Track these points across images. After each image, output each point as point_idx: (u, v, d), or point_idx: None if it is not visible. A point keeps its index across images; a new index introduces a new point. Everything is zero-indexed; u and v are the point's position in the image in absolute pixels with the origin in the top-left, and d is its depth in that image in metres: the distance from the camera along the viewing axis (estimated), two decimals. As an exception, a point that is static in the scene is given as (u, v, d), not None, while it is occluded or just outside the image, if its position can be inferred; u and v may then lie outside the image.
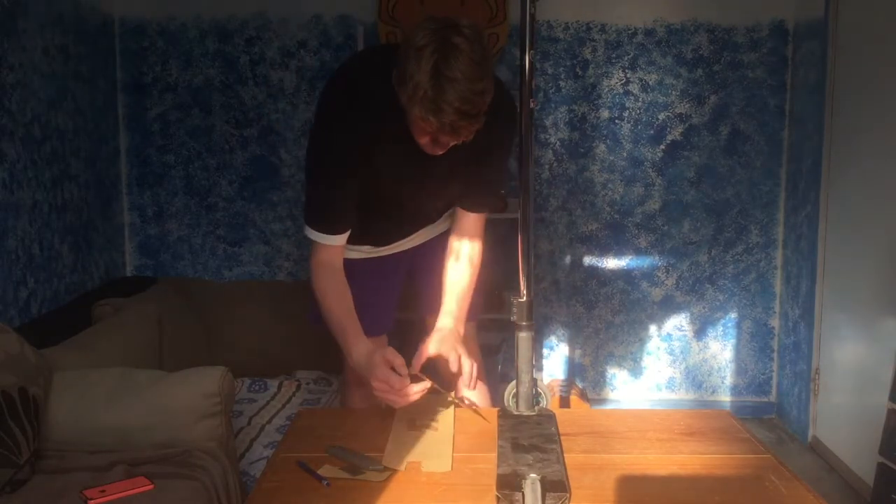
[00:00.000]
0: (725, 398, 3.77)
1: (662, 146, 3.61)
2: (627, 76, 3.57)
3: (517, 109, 1.86)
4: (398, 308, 2.17)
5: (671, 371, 3.76)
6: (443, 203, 2.00)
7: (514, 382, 1.70)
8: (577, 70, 3.56)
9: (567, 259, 3.69)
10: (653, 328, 3.74)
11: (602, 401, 3.75)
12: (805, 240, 3.39)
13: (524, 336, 1.66)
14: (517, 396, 1.69)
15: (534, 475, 1.34)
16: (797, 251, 3.48)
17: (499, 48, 3.41)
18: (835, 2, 3.14)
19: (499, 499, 1.32)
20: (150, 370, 2.26)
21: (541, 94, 3.55)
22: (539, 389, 1.73)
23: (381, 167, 1.77)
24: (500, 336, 3.44)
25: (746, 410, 3.70)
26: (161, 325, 2.71)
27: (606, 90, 3.58)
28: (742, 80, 3.57)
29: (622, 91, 3.58)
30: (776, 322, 3.71)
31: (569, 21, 3.53)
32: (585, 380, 3.76)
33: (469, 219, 1.95)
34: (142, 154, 3.56)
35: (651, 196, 3.64)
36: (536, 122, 3.55)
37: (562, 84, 3.57)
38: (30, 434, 1.85)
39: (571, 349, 3.74)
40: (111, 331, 2.52)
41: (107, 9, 3.37)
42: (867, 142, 2.94)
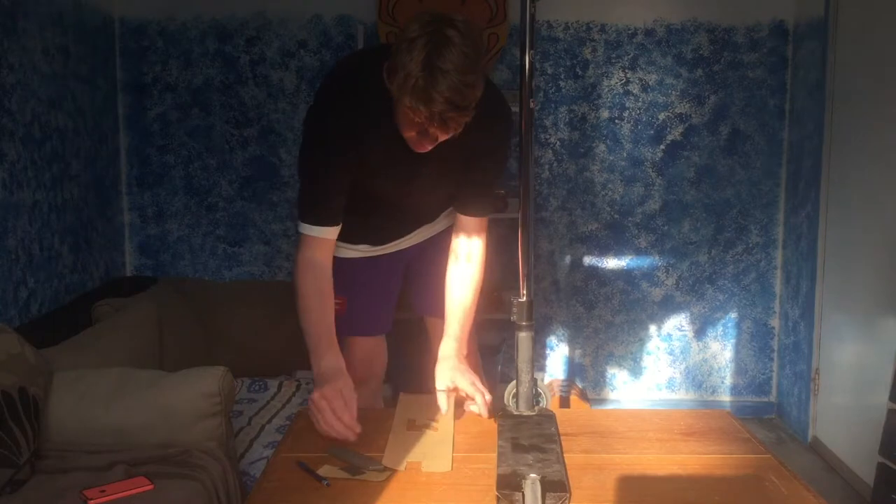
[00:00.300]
0: (725, 398, 3.77)
1: (662, 146, 3.61)
2: (627, 76, 3.57)
3: (511, 116, 1.86)
4: (397, 308, 2.17)
5: (671, 371, 3.76)
6: (437, 203, 1.99)
7: (514, 382, 1.70)
8: (577, 70, 3.56)
9: (567, 259, 3.69)
10: (653, 328, 3.74)
11: (602, 401, 3.75)
12: (805, 240, 3.39)
13: (524, 336, 1.67)
14: (517, 396, 1.69)
15: (534, 475, 1.34)
16: (797, 251, 3.48)
17: (499, 48, 3.41)
18: (835, 2, 3.14)
19: (499, 499, 1.32)
20: (150, 370, 2.26)
21: (541, 94, 3.55)
22: (539, 389, 1.73)
23: (374, 164, 1.76)
24: (500, 336, 3.44)
25: (746, 410, 3.70)
26: (161, 325, 2.71)
27: (606, 90, 3.58)
28: (742, 80, 3.57)
29: (622, 91, 3.58)
30: (776, 322, 3.71)
31: (569, 21, 3.53)
32: (585, 380, 3.76)
33: (468, 222, 1.92)
34: (142, 154, 3.56)
35: (651, 196, 3.64)
36: (536, 122, 3.55)
37: (562, 84, 3.57)
38: (30, 434, 1.85)
39: (571, 349, 3.74)
40: (111, 331, 2.52)
41: (107, 9, 3.37)
42: (867, 142, 2.94)
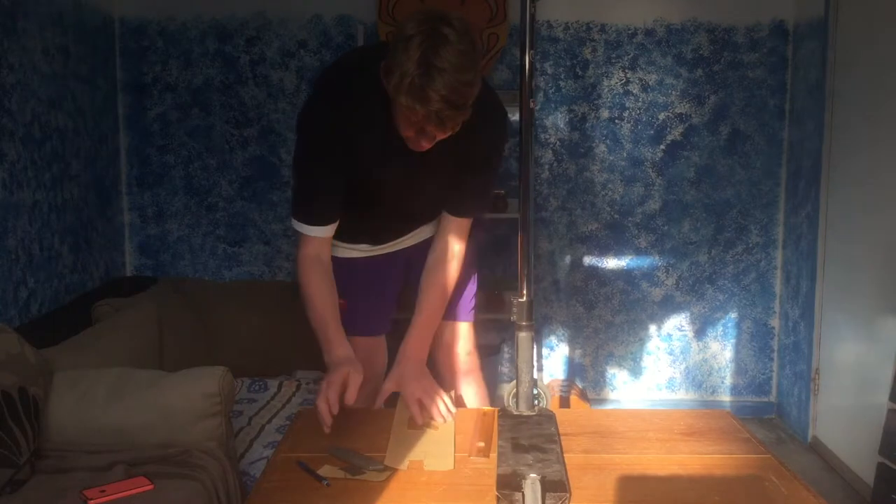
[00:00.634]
0: (725, 398, 3.77)
1: (662, 146, 3.61)
2: (627, 76, 3.57)
3: (507, 118, 1.86)
4: (397, 308, 2.17)
5: (671, 371, 3.76)
6: (436, 202, 1.99)
7: (514, 382, 1.71)
8: (577, 70, 3.56)
9: (567, 259, 3.69)
10: (653, 328, 3.74)
11: (602, 401, 3.75)
12: (805, 240, 3.39)
13: (524, 336, 1.67)
14: (517, 396, 1.69)
15: (534, 475, 1.34)
16: (797, 251, 3.48)
17: (499, 48, 3.41)
18: (835, 2, 3.14)
19: (499, 499, 1.32)
20: (150, 370, 2.25)
21: (541, 94, 3.55)
22: (539, 389, 1.73)
23: (371, 163, 1.76)
24: (500, 336, 3.45)
25: (746, 410, 3.70)
26: (161, 325, 2.71)
27: (606, 90, 3.58)
28: (742, 80, 3.57)
29: (622, 91, 3.58)
30: (776, 322, 3.71)
31: (569, 21, 3.53)
32: (585, 380, 3.76)
33: (453, 222, 1.92)
34: (142, 154, 3.56)
35: (651, 196, 3.64)
36: (536, 122, 3.55)
37: (562, 84, 3.57)
38: (30, 434, 1.85)
39: (571, 349, 3.74)
40: (111, 331, 2.51)
41: (107, 9, 3.37)
42: (867, 142, 2.94)
